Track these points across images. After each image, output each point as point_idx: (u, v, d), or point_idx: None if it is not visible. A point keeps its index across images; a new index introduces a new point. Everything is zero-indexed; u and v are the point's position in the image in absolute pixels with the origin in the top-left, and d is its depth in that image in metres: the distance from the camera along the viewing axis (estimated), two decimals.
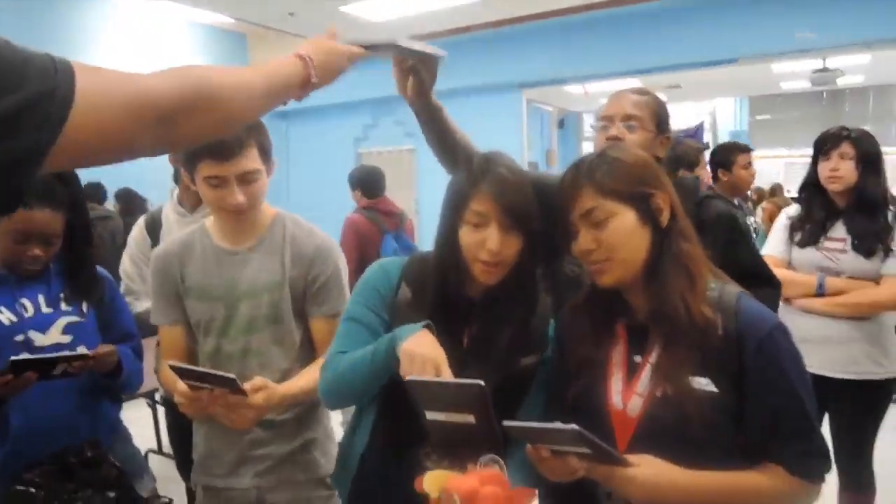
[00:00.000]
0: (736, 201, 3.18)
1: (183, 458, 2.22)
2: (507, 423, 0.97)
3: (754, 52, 5.95)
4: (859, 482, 2.32)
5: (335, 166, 4.36)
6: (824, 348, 2.20)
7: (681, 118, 11.97)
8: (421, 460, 1.18)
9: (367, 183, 3.95)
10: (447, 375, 1.05)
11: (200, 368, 1.37)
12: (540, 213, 1.19)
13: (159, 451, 3.73)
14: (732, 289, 1.10)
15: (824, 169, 2.26)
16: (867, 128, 2.40)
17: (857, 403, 2.25)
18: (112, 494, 1.49)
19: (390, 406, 1.25)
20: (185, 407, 1.35)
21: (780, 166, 11.26)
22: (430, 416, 1.05)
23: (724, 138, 11.97)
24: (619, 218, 1.07)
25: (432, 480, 1.03)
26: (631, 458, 0.98)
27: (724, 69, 6.46)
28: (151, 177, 5.30)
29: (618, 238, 1.06)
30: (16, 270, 1.59)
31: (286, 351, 1.54)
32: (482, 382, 0.97)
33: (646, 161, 1.13)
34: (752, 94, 11.05)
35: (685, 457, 1.00)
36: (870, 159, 2.21)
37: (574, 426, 0.88)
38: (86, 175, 4.91)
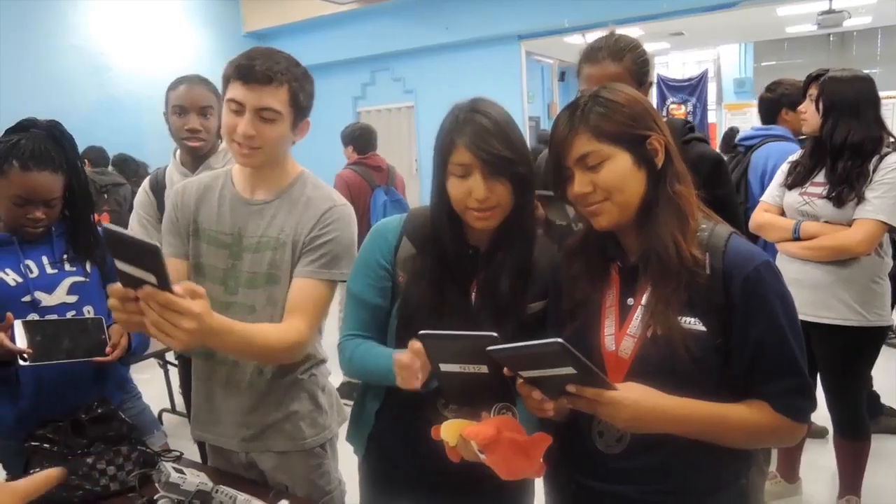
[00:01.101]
0: None
1: None
2: (490, 348, 0.96)
3: None
4: (852, 428, 2.34)
5: (335, 126, 4.32)
6: (799, 291, 2.17)
7: (684, 66, 11.78)
8: (439, 412, 1.21)
9: (360, 139, 4.12)
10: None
11: (128, 234, 1.09)
12: (526, 155, 1.21)
13: (172, 410, 3.82)
14: (723, 229, 1.10)
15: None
16: (875, 71, 2.36)
17: (836, 349, 2.23)
18: (123, 449, 1.54)
19: None
20: (118, 312, 1.11)
21: None
22: (444, 367, 1.06)
23: (728, 86, 11.79)
24: (614, 161, 1.06)
25: (449, 429, 1.05)
26: (617, 384, 0.99)
27: (727, 14, 6.32)
28: (150, 144, 5.30)
29: (613, 181, 1.07)
30: (19, 233, 1.62)
31: (278, 312, 1.47)
32: (495, 334, 0.98)
33: (641, 102, 1.12)
34: (757, 39, 10.80)
35: (677, 395, 1.01)
36: (832, 102, 2.15)
37: (557, 339, 0.89)
38: (89, 139, 4.90)
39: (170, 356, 3.53)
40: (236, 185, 1.52)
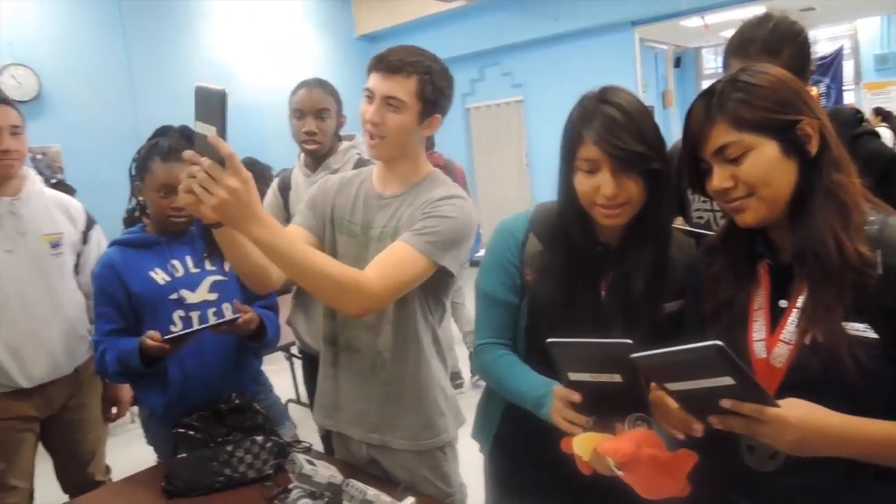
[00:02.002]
0: None
1: None
2: (634, 355, 0.89)
3: None
4: None
5: (446, 124, 4.34)
6: None
7: (815, 44, 10.86)
8: None
9: None
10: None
11: (206, 84, 1.12)
12: (661, 148, 1.14)
13: (297, 400, 4.00)
14: None
15: None
16: None
17: None
18: (259, 438, 1.61)
19: (532, 364, 1.26)
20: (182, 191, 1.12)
21: None
22: (573, 376, 1.01)
23: (867, 63, 10.74)
24: (758, 151, 0.97)
25: (583, 443, 1.00)
26: (778, 401, 0.89)
27: None
28: (273, 147, 5.58)
29: (758, 174, 0.97)
30: (165, 231, 1.75)
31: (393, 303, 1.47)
32: (630, 341, 0.92)
33: (787, 83, 1.00)
34: None
35: (840, 411, 0.90)
36: None
37: (716, 342, 0.79)
38: None
39: (294, 350, 3.70)
40: (374, 182, 1.57)
